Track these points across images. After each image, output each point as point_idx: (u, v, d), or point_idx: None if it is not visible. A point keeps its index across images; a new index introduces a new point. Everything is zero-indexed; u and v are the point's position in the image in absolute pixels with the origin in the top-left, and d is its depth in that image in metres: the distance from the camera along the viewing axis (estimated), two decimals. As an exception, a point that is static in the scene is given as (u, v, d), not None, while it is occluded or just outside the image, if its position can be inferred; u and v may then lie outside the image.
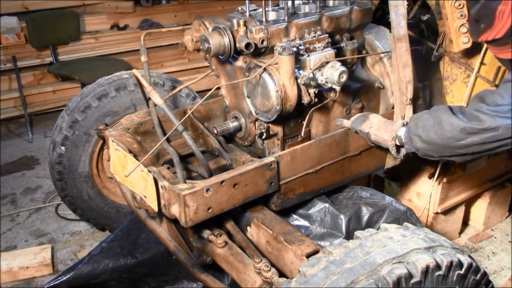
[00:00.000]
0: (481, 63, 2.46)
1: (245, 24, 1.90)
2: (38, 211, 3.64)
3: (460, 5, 2.21)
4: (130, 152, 2.10)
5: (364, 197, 2.26)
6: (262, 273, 1.75)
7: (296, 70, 1.86)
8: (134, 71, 2.22)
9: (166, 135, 2.06)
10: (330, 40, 2.00)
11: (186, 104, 2.89)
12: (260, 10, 2.01)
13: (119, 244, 2.52)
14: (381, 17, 2.78)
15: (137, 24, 5.84)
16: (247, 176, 1.85)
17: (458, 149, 1.73)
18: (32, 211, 3.64)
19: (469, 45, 2.29)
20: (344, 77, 1.82)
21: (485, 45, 2.41)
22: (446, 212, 2.95)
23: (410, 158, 2.04)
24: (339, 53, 2.07)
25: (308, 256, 1.70)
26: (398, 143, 1.94)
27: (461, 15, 2.23)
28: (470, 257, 1.57)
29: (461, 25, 2.25)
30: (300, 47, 1.91)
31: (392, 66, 2.15)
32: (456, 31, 2.26)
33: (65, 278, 2.44)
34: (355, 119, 2.10)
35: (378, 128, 2.00)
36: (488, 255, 3.02)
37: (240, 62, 2.07)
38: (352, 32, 2.17)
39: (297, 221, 2.16)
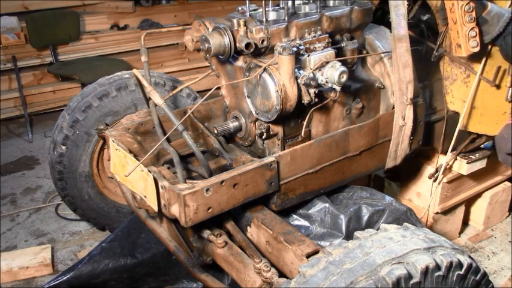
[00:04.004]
0: (484, 66, 2.44)
1: (245, 24, 1.90)
2: (38, 211, 3.64)
3: (469, 8, 2.14)
4: (130, 152, 2.10)
5: (364, 197, 2.26)
6: (262, 273, 1.75)
7: (296, 70, 1.86)
8: (134, 70, 2.22)
9: (167, 135, 2.06)
10: (330, 40, 2.00)
11: (186, 104, 2.89)
12: (260, 10, 2.00)
13: (119, 244, 2.52)
14: (381, 17, 2.77)
15: (137, 24, 5.84)
16: (247, 176, 1.85)
17: None
18: (32, 211, 3.64)
19: (477, 49, 2.22)
20: (344, 77, 1.82)
21: (487, 49, 2.41)
22: (446, 212, 2.95)
23: (410, 158, 2.04)
24: (339, 53, 2.07)
25: (308, 256, 1.70)
26: None
27: (471, 19, 2.15)
28: (470, 257, 1.57)
29: (471, 29, 2.17)
30: (300, 47, 1.90)
31: (393, 66, 2.15)
32: (466, 35, 2.18)
33: (65, 278, 2.44)
34: None
35: None
36: (488, 255, 3.02)
37: (240, 62, 2.07)
38: (352, 32, 2.17)
39: (297, 221, 2.16)
